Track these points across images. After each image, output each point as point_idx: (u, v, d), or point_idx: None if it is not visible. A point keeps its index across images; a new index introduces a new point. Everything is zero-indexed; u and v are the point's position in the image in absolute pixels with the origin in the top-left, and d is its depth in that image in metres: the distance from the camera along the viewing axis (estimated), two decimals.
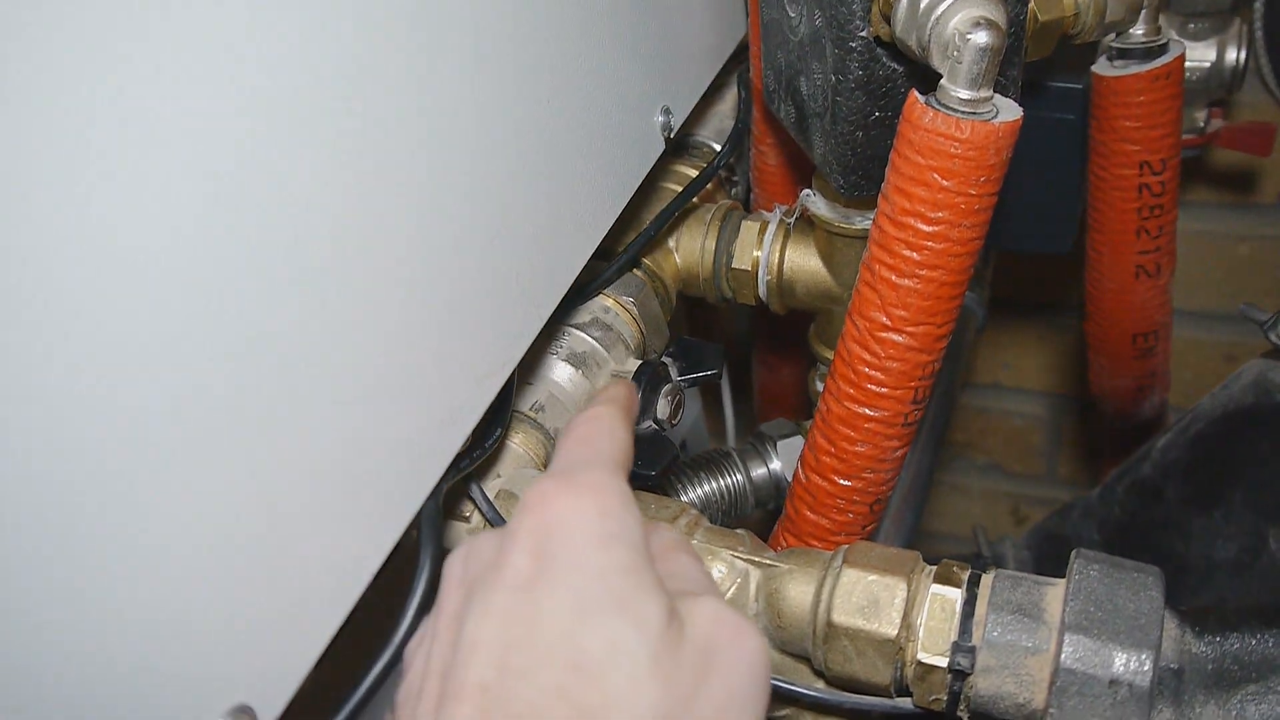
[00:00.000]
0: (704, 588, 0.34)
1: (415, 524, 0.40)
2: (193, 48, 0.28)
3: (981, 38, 0.42)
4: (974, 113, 0.43)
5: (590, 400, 0.39)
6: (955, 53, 0.43)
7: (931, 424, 0.77)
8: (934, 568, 0.44)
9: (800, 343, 0.71)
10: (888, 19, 0.47)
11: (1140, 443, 0.90)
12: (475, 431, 0.43)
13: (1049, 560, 0.78)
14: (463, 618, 0.31)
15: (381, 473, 0.37)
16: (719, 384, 0.89)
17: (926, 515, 0.94)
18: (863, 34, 0.48)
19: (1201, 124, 0.80)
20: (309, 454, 0.34)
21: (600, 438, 0.36)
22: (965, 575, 0.44)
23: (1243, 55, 0.76)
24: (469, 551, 0.33)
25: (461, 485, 0.47)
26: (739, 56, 0.71)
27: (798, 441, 0.69)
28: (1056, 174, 0.69)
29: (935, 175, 0.44)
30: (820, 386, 0.68)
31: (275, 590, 0.33)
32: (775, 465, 0.69)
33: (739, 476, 0.69)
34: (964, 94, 0.43)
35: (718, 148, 0.72)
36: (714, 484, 0.69)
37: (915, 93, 0.45)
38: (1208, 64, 0.76)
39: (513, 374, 0.45)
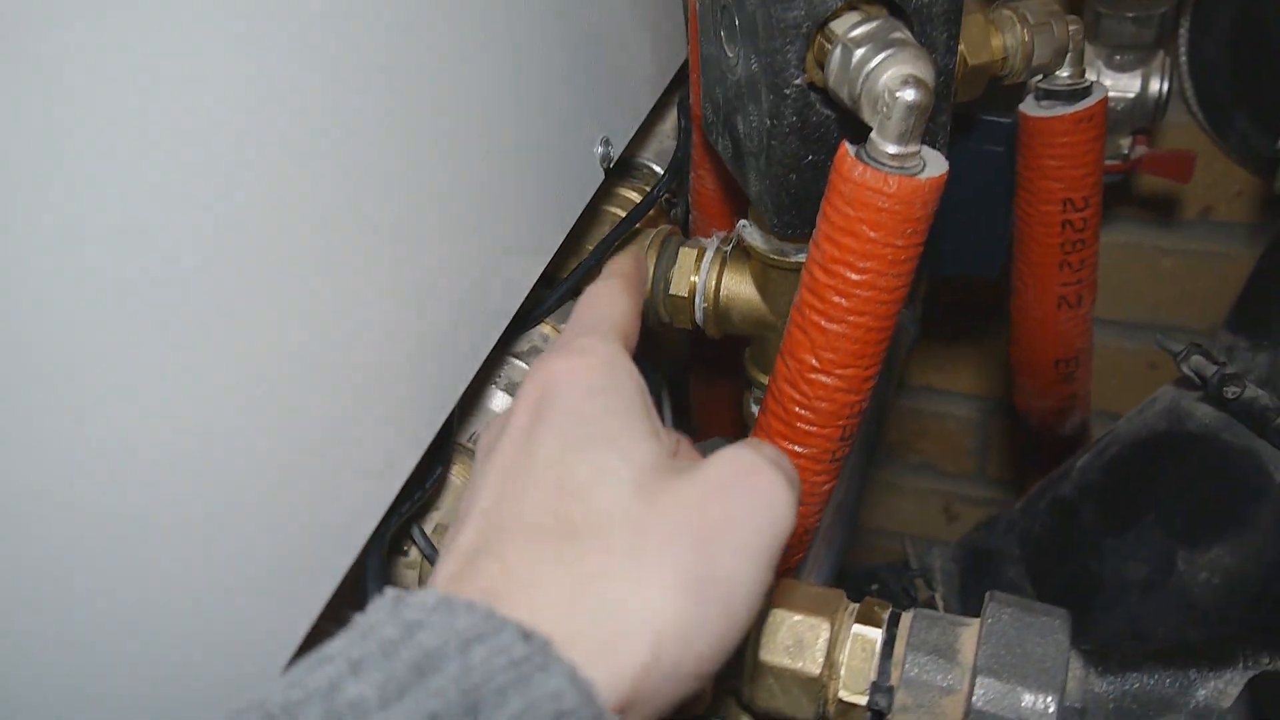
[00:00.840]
0: None
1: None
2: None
3: (909, 95, 0.43)
4: (901, 167, 0.45)
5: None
6: (885, 108, 0.44)
7: (862, 443, 0.79)
8: (857, 606, 0.46)
9: (736, 365, 0.72)
10: (822, 66, 0.48)
11: (1066, 450, 0.94)
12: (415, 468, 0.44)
13: (973, 574, 0.81)
14: (477, 472, 0.34)
15: (315, 529, 0.38)
16: (659, 403, 0.90)
17: (860, 512, 0.96)
18: (797, 82, 0.49)
19: (1126, 150, 0.82)
20: (244, 508, 0.34)
21: (599, 308, 0.40)
22: (886, 615, 0.45)
23: (1165, 86, 0.79)
24: (490, 424, 0.37)
25: (404, 526, 0.48)
26: (680, 78, 0.72)
27: None
28: (986, 202, 0.71)
29: (864, 226, 0.45)
30: (754, 409, 0.70)
31: (226, 636, 0.34)
32: None
33: None
34: (892, 149, 0.45)
35: (658, 169, 0.73)
36: None
37: (846, 145, 0.46)
38: (1132, 94, 0.79)
39: (452, 411, 0.46)
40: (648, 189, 0.70)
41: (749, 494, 0.32)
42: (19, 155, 0.25)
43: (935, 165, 0.46)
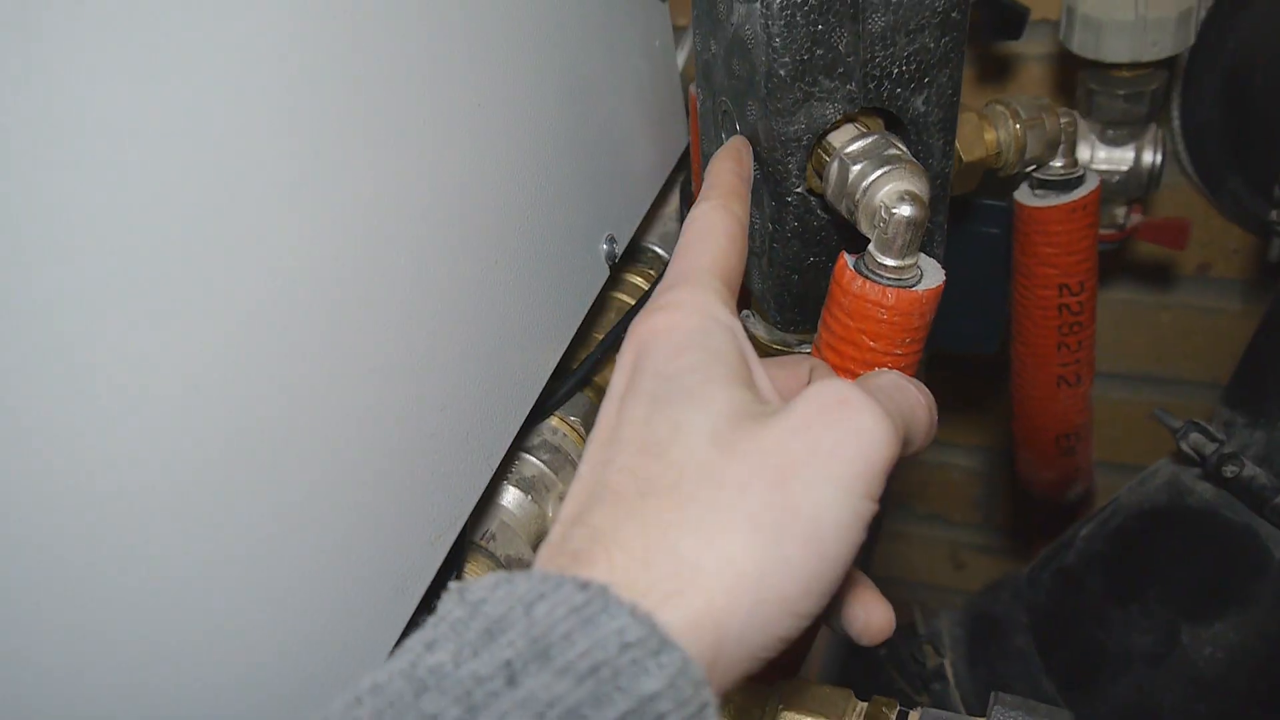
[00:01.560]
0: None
1: None
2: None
3: (905, 211, 0.45)
4: (899, 280, 0.46)
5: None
6: (881, 223, 0.46)
7: None
8: (865, 706, 0.47)
9: None
10: (820, 175, 0.50)
11: (1070, 512, 0.94)
12: None
13: (981, 641, 0.81)
14: (586, 445, 0.35)
15: (331, 646, 0.39)
16: None
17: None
18: (798, 190, 0.51)
19: (1121, 220, 0.84)
20: (268, 627, 0.35)
21: (693, 246, 0.40)
22: (894, 715, 0.46)
23: (1159, 159, 0.80)
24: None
25: None
26: (682, 162, 0.73)
27: None
28: (984, 282, 0.72)
29: (864, 337, 0.47)
30: None
31: None
32: None
33: None
34: (890, 262, 0.46)
35: (662, 253, 0.74)
36: None
37: (845, 256, 0.47)
38: (1126, 167, 0.80)
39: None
40: (652, 274, 0.72)
41: (835, 424, 0.31)
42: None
43: (932, 275, 0.47)
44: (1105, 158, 0.80)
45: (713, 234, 0.40)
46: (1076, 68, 0.81)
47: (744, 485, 0.30)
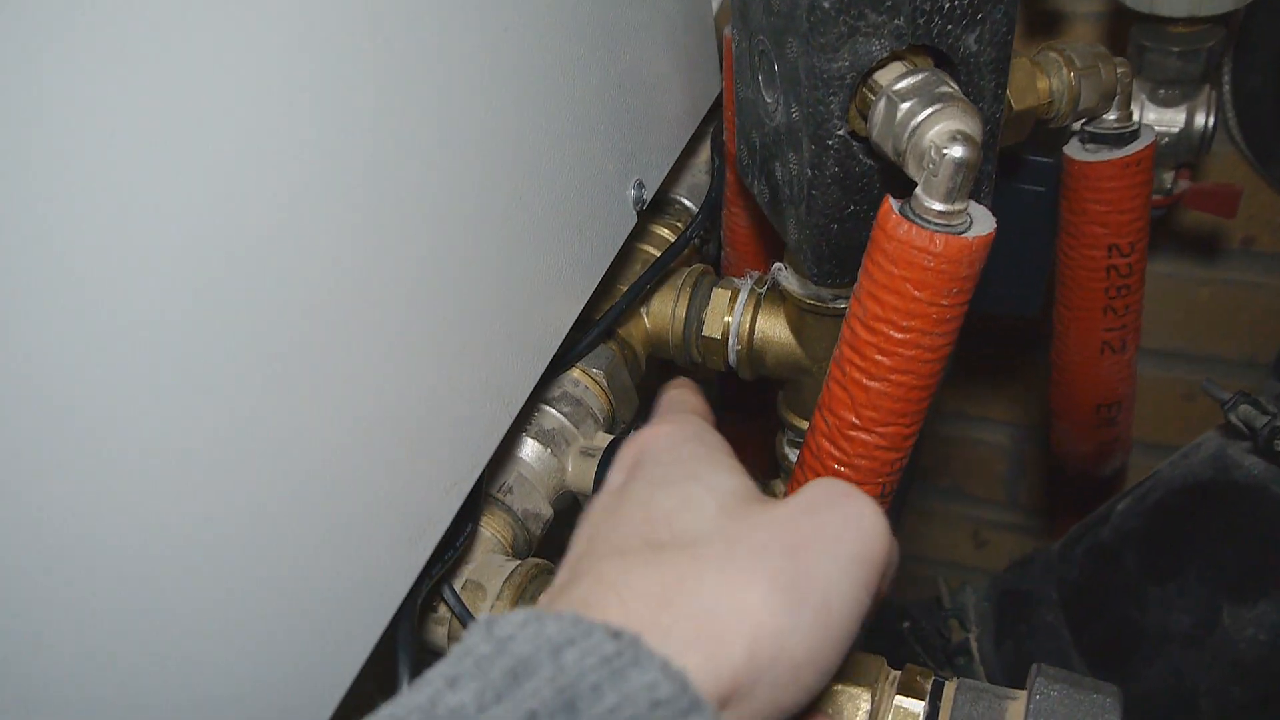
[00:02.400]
0: None
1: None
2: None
3: (958, 152, 0.42)
4: (948, 225, 0.43)
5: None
6: (931, 165, 0.43)
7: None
8: (898, 675, 0.45)
9: (768, 405, 0.71)
10: (865, 117, 0.47)
11: (1099, 489, 0.92)
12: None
13: (1009, 616, 0.79)
14: (574, 535, 0.35)
15: (345, 595, 0.37)
16: None
17: None
18: (840, 132, 0.48)
19: (1170, 185, 0.81)
20: (281, 576, 0.33)
21: (676, 400, 0.43)
22: (929, 684, 0.44)
23: (1211, 121, 0.77)
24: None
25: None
26: (713, 111, 0.70)
27: None
28: (1027, 241, 0.69)
29: (908, 285, 0.44)
30: (788, 451, 0.69)
31: (268, 692, 0.33)
32: None
33: None
34: (938, 206, 0.43)
35: (691, 205, 0.72)
36: None
37: (890, 200, 0.45)
38: (1177, 129, 0.77)
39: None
40: (680, 226, 0.69)
41: (840, 511, 0.32)
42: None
43: (982, 222, 0.45)
44: (1155, 119, 0.77)
45: (690, 397, 0.43)
46: (1128, 24, 0.78)
47: (758, 550, 0.30)
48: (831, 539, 0.31)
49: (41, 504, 0.25)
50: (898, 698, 0.43)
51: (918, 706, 0.43)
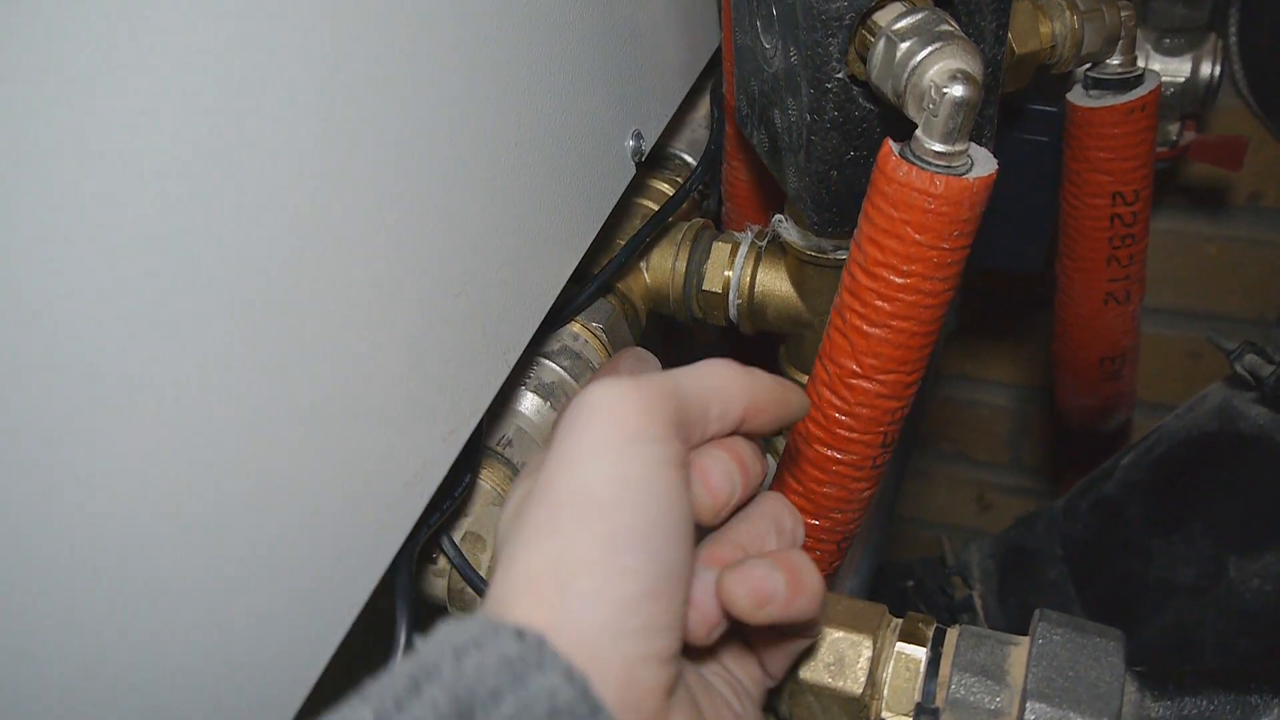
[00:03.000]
0: None
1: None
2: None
3: (958, 91, 0.41)
4: (949, 166, 0.43)
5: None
6: (931, 105, 0.42)
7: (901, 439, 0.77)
8: (900, 623, 0.44)
9: (770, 358, 0.71)
10: (864, 59, 0.46)
11: (1104, 446, 0.91)
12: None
13: (1013, 573, 0.79)
14: None
15: (340, 540, 0.36)
16: None
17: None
18: (839, 75, 0.47)
19: (1174, 137, 0.80)
20: (275, 520, 0.33)
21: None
22: (930, 632, 0.44)
23: (1217, 71, 0.76)
24: None
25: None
26: (713, 64, 0.70)
27: (766, 461, 0.69)
28: (1030, 195, 0.69)
29: (908, 229, 0.44)
30: None
31: (262, 638, 0.33)
32: None
33: None
34: (938, 147, 0.42)
35: (690, 160, 0.71)
36: None
37: (890, 143, 0.44)
38: (1182, 79, 0.76)
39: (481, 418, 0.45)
40: (679, 180, 0.68)
41: (573, 423, 0.32)
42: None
43: (984, 164, 0.44)
44: (1160, 68, 0.76)
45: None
46: None
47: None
48: (570, 445, 0.31)
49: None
50: (900, 644, 0.43)
51: (919, 653, 0.43)
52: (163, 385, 0.28)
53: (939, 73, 0.42)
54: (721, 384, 0.35)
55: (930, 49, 0.42)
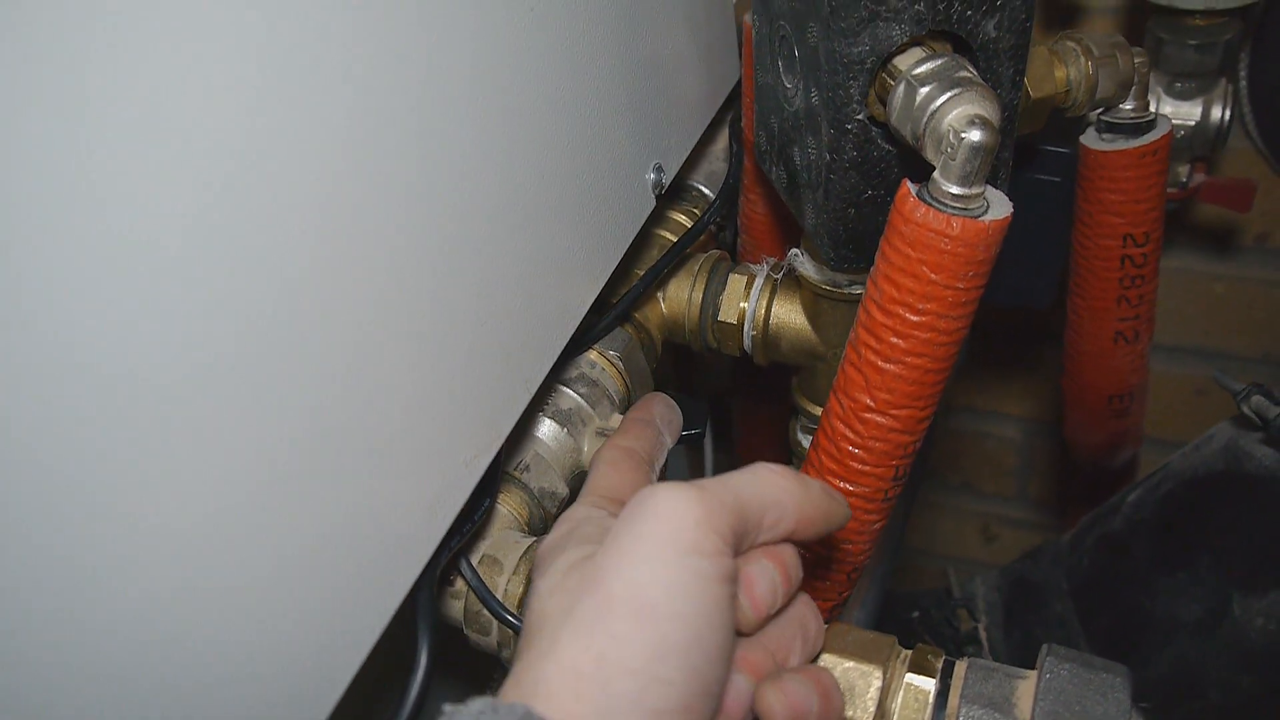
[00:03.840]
0: None
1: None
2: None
3: (975, 136, 0.43)
4: (965, 209, 0.44)
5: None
6: (949, 149, 0.43)
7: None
8: (909, 654, 0.45)
9: (782, 387, 0.72)
10: (884, 102, 0.47)
11: (1111, 481, 0.92)
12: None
13: (1018, 606, 0.79)
14: None
15: (364, 563, 0.37)
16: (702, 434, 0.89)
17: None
18: (859, 117, 0.48)
19: (1184, 179, 0.81)
20: (300, 544, 0.34)
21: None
22: (939, 664, 0.45)
23: (1227, 115, 0.77)
24: None
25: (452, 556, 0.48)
26: (732, 97, 0.71)
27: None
28: (1041, 233, 0.70)
29: (925, 268, 0.45)
30: (801, 437, 0.69)
31: (287, 658, 0.34)
32: None
33: None
34: (955, 190, 0.44)
35: (708, 192, 0.72)
36: None
37: (908, 184, 0.45)
38: (1193, 122, 0.77)
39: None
40: (697, 212, 0.70)
41: (635, 519, 0.34)
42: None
43: (999, 207, 0.45)
44: (1171, 111, 0.77)
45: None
46: (1145, 18, 0.78)
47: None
48: (631, 546, 0.32)
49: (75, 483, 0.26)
50: (909, 675, 0.44)
51: (929, 684, 0.44)
52: (202, 418, 0.29)
53: (957, 118, 0.43)
54: (778, 496, 0.37)
55: (949, 94, 0.44)
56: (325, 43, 0.32)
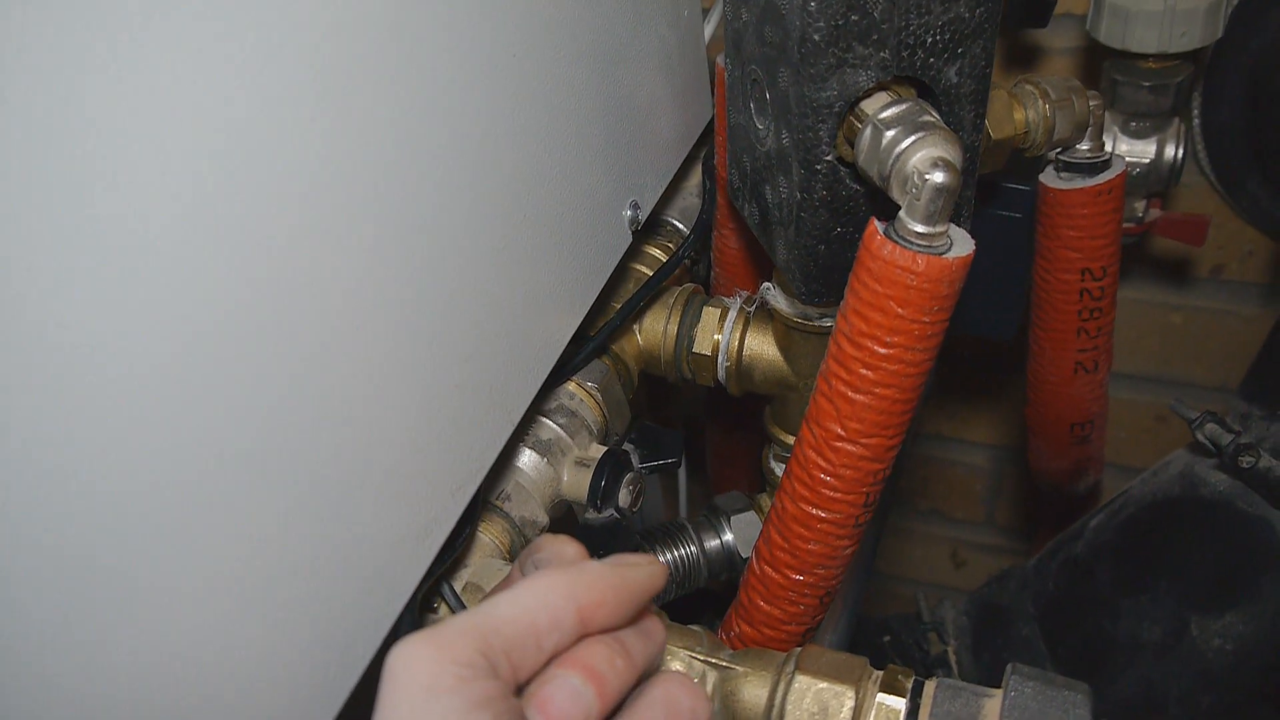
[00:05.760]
0: None
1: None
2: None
3: (939, 178, 0.45)
4: (929, 246, 0.46)
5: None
6: (914, 190, 0.45)
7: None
8: (880, 675, 0.47)
9: (755, 416, 0.74)
10: (851, 144, 0.50)
11: (1077, 505, 0.94)
12: None
13: (986, 629, 0.81)
14: None
15: (358, 589, 0.39)
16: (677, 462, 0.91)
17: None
18: (828, 157, 0.51)
19: (1140, 214, 0.84)
20: (284, 580, 0.35)
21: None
22: (909, 684, 0.46)
23: (1180, 153, 0.80)
24: None
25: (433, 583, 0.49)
26: (706, 134, 0.73)
27: (751, 516, 0.71)
28: (1003, 267, 0.72)
29: (892, 303, 0.47)
30: (774, 465, 0.71)
31: (274, 690, 0.35)
32: (728, 538, 0.71)
33: (693, 548, 0.71)
34: (920, 228, 0.46)
35: (683, 227, 0.74)
36: (668, 555, 0.71)
37: (875, 222, 0.47)
38: (1148, 160, 0.80)
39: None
40: (672, 246, 0.72)
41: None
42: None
43: (962, 244, 0.47)
44: (1127, 150, 0.80)
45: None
46: (1101, 60, 0.81)
47: None
48: (383, 707, 0.31)
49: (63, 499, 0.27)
50: (880, 695, 0.46)
51: (899, 703, 0.45)
52: (205, 449, 0.31)
53: (921, 160, 0.45)
54: (540, 598, 0.34)
55: (913, 138, 0.46)
56: (303, 83, 0.34)
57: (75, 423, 0.27)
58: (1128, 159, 0.78)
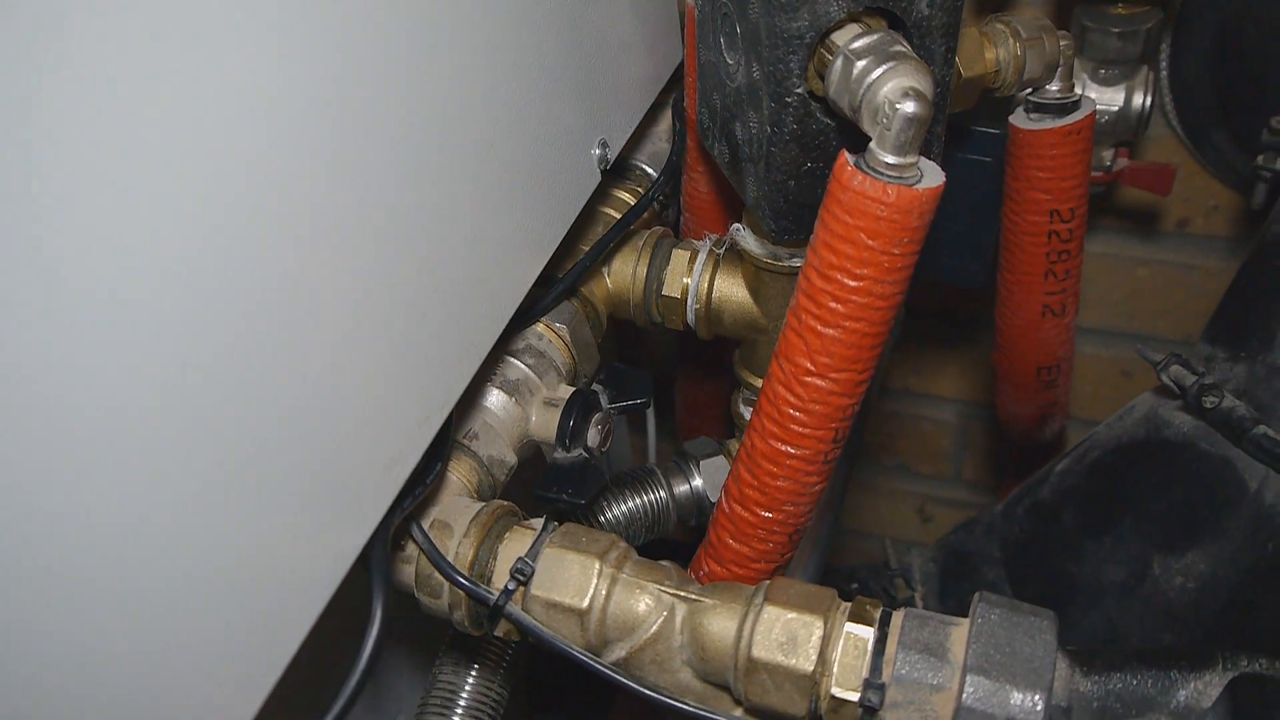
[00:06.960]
0: None
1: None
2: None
3: (909, 107, 0.44)
4: (900, 177, 0.46)
5: None
6: (884, 120, 0.45)
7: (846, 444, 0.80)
8: (849, 605, 0.47)
9: (724, 364, 0.73)
10: (822, 76, 0.49)
11: (1041, 456, 0.95)
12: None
13: (953, 575, 0.82)
14: None
15: (326, 516, 0.38)
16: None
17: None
18: (799, 90, 0.50)
19: (1108, 163, 0.84)
20: (249, 503, 0.35)
21: None
22: (877, 614, 0.46)
23: (1148, 101, 0.80)
24: None
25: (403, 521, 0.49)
26: (675, 80, 0.72)
27: (720, 461, 0.71)
28: (973, 212, 0.72)
29: (862, 234, 0.46)
30: (743, 409, 0.71)
31: (242, 625, 0.34)
32: (697, 483, 0.71)
33: (662, 494, 0.71)
34: (891, 159, 0.45)
35: (652, 172, 0.74)
36: (637, 501, 0.71)
37: (846, 154, 0.47)
38: (1116, 108, 0.80)
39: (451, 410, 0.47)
40: (641, 191, 0.71)
41: None
42: None
43: (932, 176, 0.47)
44: (1096, 97, 0.80)
45: None
46: (1072, 6, 0.81)
47: None
48: None
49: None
50: (848, 624, 0.46)
51: (867, 632, 0.45)
52: (175, 372, 0.30)
53: (892, 90, 0.45)
54: None
55: (884, 68, 0.45)
56: (271, 10, 0.33)
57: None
58: (1096, 106, 0.78)
